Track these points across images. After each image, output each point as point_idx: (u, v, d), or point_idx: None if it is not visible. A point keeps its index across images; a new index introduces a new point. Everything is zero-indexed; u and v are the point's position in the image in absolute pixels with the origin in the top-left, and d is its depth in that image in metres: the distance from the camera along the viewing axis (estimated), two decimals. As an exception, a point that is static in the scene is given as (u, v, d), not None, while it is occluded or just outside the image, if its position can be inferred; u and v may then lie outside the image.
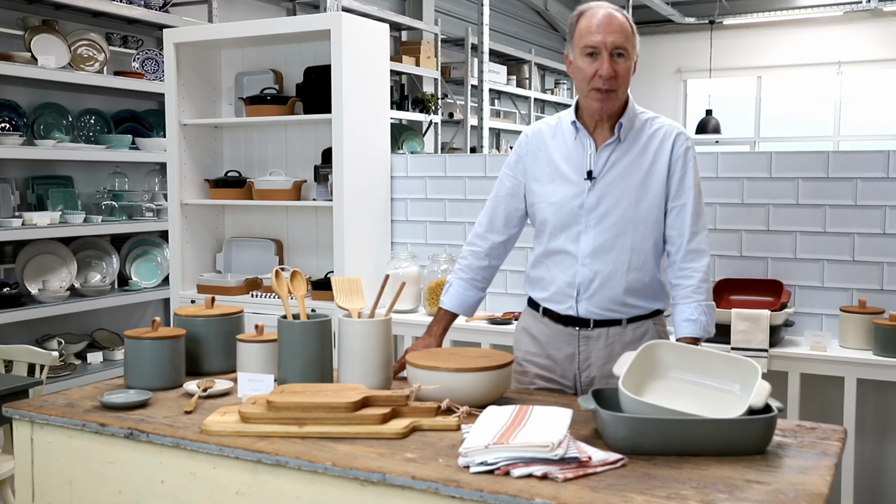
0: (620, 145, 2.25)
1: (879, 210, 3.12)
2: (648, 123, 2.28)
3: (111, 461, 1.88)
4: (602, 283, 2.24)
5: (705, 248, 2.27)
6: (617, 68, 2.16)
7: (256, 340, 2.16)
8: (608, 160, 2.24)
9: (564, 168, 2.28)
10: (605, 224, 2.22)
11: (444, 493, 1.51)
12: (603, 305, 2.25)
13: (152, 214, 4.86)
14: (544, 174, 2.31)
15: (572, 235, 2.25)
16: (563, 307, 2.29)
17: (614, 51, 2.15)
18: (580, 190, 2.24)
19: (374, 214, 3.87)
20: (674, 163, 2.24)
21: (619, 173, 2.23)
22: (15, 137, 4.13)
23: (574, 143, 2.28)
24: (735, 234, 3.34)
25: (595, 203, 2.23)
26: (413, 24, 7.45)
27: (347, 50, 3.62)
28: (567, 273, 2.27)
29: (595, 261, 2.23)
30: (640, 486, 1.49)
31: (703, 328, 2.22)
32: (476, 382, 1.94)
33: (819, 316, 3.24)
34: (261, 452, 1.68)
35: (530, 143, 2.36)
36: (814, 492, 1.48)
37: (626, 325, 2.28)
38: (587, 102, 2.23)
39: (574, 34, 2.22)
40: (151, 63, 5.04)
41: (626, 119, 2.24)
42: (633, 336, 2.28)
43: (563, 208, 2.25)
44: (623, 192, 2.22)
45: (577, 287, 2.26)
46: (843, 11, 9.74)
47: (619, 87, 2.18)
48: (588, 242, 2.24)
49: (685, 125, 11.40)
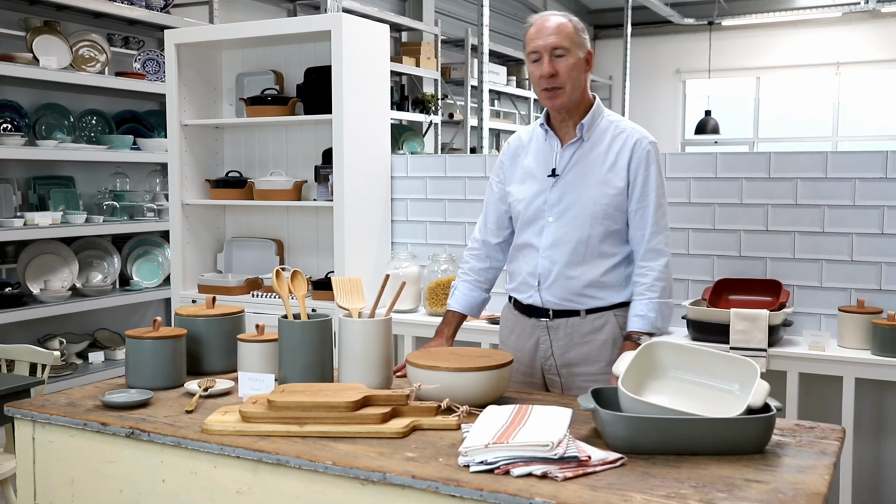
0: (584, 144, 2.37)
1: (878, 210, 3.13)
2: (614, 126, 2.39)
3: (112, 460, 1.89)
4: (560, 273, 2.35)
5: (663, 248, 2.36)
6: (557, 67, 2.28)
7: (257, 340, 2.17)
8: (571, 158, 2.37)
9: (534, 168, 2.42)
10: (566, 218, 2.35)
11: (444, 493, 1.51)
12: (561, 295, 2.37)
13: (153, 214, 4.87)
14: (518, 176, 2.46)
15: (537, 229, 2.39)
16: (526, 296, 2.42)
17: (553, 51, 2.29)
18: (545, 187, 2.38)
19: (374, 214, 3.88)
20: (636, 165, 2.34)
21: (580, 171, 2.36)
22: (17, 138, 4.14)
23: (544, 145, 2.43)
24: (734, 234, 3.34)
25: (557, 199, 2.36)
26: (413, 24, 7.46)
27: (348, 50, 3.63)
28: (530, 264, 2.41)
29: (554, 252, 2.36)
30: (639, 485, 1.50)
31: (652, 324, 2.31)
32: (476, 382, 1.95)
33: (818, 316, 3.24)
34: (261, 452, 1.69)
35: (510, 148, 2.53)
36: (812, 491, 1.49)
37: (585, 315, 2.38)
38: (542, 102, 2.38)
39: (524, 44, 2.38)
40: (152, 64, 5.05)
41: (587, 119, 2.36)
42: (592, 327, 2.37)
43: (530, 205, 2.40)
44: (583, 189, 2.34)
45: (537, 277, 2.39)
46: (842, 12, 9.73)
47: (564, 84, 2.30)
48: (549, 235, 2.37)
49: (684, 126, 11.42)
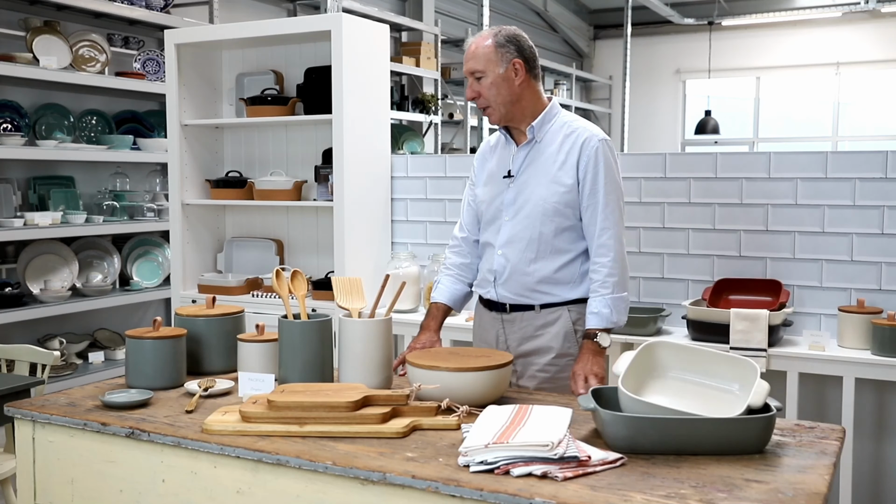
0: (537, 146, 2.45)
1: (878, 210, 3.13)
2: (566, 126, 2.46)
3: (112, 460, 1.89)
4: (514, 269, 2.45)
5: (612, 244, 2.40)
6: (478, 89, 2.41)
7: (257, 340, 2.17)
8: (525, 159, 2.46)
9: (495, 170, 2.53)
10: (519, 217, 2.44)
11: (444, 493, 1.51)
12: (515, 291, 2.46)
13: (153, 214, 4.87)
14: (483, 178, 2.57)
15: (496, 228, 2.50)
16: (485, 291, 2.54)
17: (472, 76, 2.41)
18: (503, 188, 2.48)
19: (374, 214, 3.88)
20: (585, 163, 2.40)
21: (533, 171, 2.44)
22: (17, 138, 4.14)
23: (505, 148, 2.54)
24: (734, 234, 3.34)
25: (513, 198, 2.45)
26: (413, 24, 7.46)
27: (348, 51, 3.63)
28: (488, 261, 2.52)
29: (508, 250, 2.45)
30: (639, 485, 1.50)
31: (607, 320, 2.38)
32: (476, 382, 1.95)
33: (818, 316, 3.25)
34: (261, 452, 1.69)
35: (481, 154, 2.63)
36: (812, 491, 1.49)
37: (539, 310, 2.46)
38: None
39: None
40: (152, 64, 5.05)
41: (537, 122, 2.44)
42: (546, 320, 2.46)
43: (490, 205, 2.51)
44: (535, 188, 2.42)
45: (494, 273, 2.48)
46: (842, 12, 9.73)
47: (488, 104, 2.41)
48: (505, 233, 2.46)
49: (684, 126, 11.41)
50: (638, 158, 3.57)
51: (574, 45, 11.63)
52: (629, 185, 3.56)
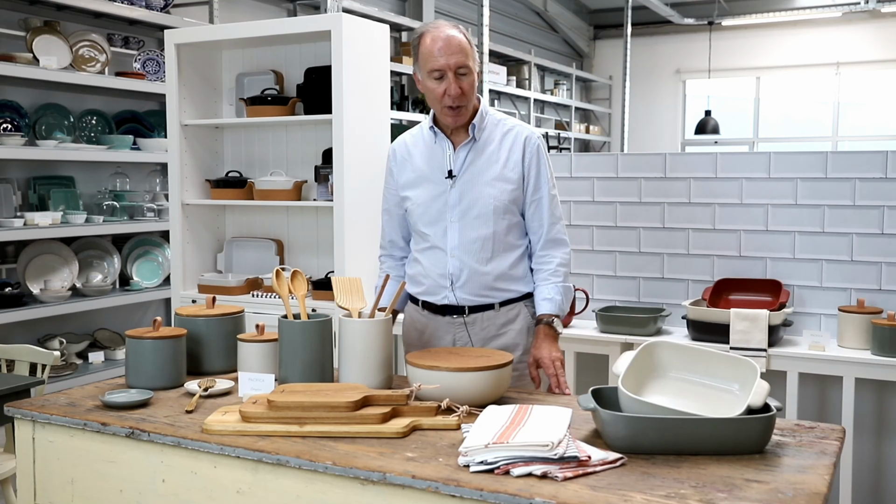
0: (476, 145, 2.42)
1: (878, 210, 3.13)
2: (501, 124, 2.45)
3: (112, 460, 1.89)
4: (472, 271, 2.40)
5: (564, 238, 2.47)
6: (462, 85, 2.31)
7: (257, 340, 2.17)
8: (465, 159, 2.41)
9: (427, 171, 2.45)
10: (468, 217, 2.39)
11: (444, 493, 1.51)
12: (475, 292, 2.42)
13: (153, 214, 4.87)
14: (410, 180, 2.48)
15: (440, 231, 2.42)
16: (439, 297, 2.45)
17: (458, 70, 2.30)
18: (443, 189, 2.41)
19: (374, 214, 3.85)
20: (528, 161, 2.41)
21: (476, 170, 2.40)
22: (17, 138, 4.14)
23: (434, 147, 2.45)
24: (734, 234, 3.34)
25: (457, 199, 2.40)
26: (413, 24, 7.46)
27: (348, 51, 3.63)
28: (439, 266, 2.43)
29: (462, 252, 2.40)
30: (639, 485, 1.50)
31: (559, 306, 2.41)
32: (476, 382, 1.95)
33: (818, 316, 3.25)
34: (261, 452, 1.69)
35: (396, 155, 2.53)
36: (812, 491, 1.49)
37: (499, 308, 2.44)
38: (442, 118, 2.40)
39: (419, 56, 2.36)
40: (152, 64, 5.05)
41: (477, 120, 2.40)
42: (507, 318, 2.44)
43: (429, 207, 2.43)
44: (482, 187, 2.39)
45: (449, 277, 2.42)
46: (842, 12, 9.74)
47: (467, 102, 2.35)
48: (455, 236, 2.41)
49: (684, 126, 11.43)
50: (638, 158, 3.57)
51: (574, 45, 11.63)
52: (629, 185, 3.56)
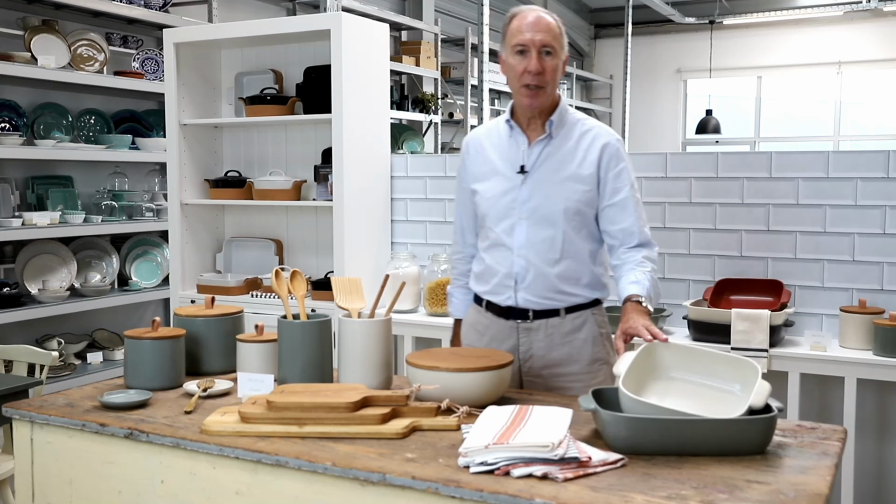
0: (552, 142, 2.34)
1: (879, 210, 3.12)
2: (580, 124, 2.38)
3: (111, 461, 1.88)
4: (537, 272, 2.32)
5: (653, 241, 2.36)
6: (544, 65, 2.25)
7: (256, 340, 2.16)
8: (540, 155, 2.34)
9: (499, 164, 2.38)
10: (537, 216, 2.31)
11: (444, 493, 1.51)
12: (540, 294, 2.33)
13: (152, 214, 4.86)
14: (482, 173, 2.42)
15: (507, 228, 2.35)
16: (503, 297, 2.37)
17: (542, 49, 2.25)
18: (514, 184, 2.34)
19: (374, 214, 3.87)
20: (606, 163, 2.33)
21: (550, 168, 2.33)
22: (15, 137, 4.13)
23: (509, 141, 2.39)
24: (735, 234, 3.34)
25: (527, 196, 2.32)
26: (413, 24, 7.45)
27: (347, 50, 3.62)
28: (504, 264, 2.36)
29: (529, 251, 2.32)
30: (640, 486, 1.49)
31: (647, 291, 2.24)
32: (476, 382, 1.94)
33: (819, 316, 3.24)
34: (261, 452, 1.68)
35: (469, 148, 2.48)
36: (814, 492, 1.48)
37: (565, 315, 2.35)
38: (518, 100, 2.33)
39: (506, 35, 2.33)
40: (151, 63, 5.04)
41: (556, 116, 2.34)
42: (572, 326, 2.36)
43: (498, 202, 2.36)
44: (553, 186, 2.32)
45: (514, 277, 2.34)
46: (843, 11, 9.72)
47: (547, 84, 2.27)
48: (522, 234, 2.33)
49: (685, 125, 11.41)
50: (639, 158, 3.56)
51: (575, 44, 11.62)
52: (630, 185, 3.55)
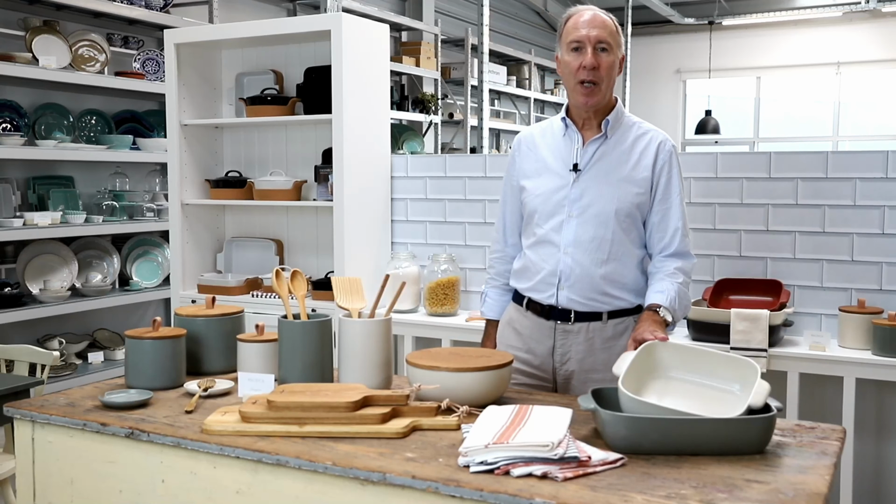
0: (607, 141, 2.33)
1: (878, 210, 3.13)
2: (636, 126, 2.37)
3: (112, 461, 1.88)
4: (583, 271, 2.29)
5: (691, 252, 2.36)
6: (600, 61, 2.26)
7: (257, 340, 2.16)
8: (594, 154, 2.33)
9: (552, 162, 2.37)
10: (588, 215, 2.29)
11: (444, 493, 1.51)
12: (583, 294, 2.30)
13: (153, 214, 4.86)
14: (533, 169, 2.40)
15: (556, 225, 2.32)
16: (546, 296, 2.34)
17: (597, 45, 2.26)
18: (566, 182, 2.32)
19: (374, 214, 3.87)
20: (659, 168, 2.32)
21: (603, 168, 2.31)
22: (16, 138, 4.13)
23: (563, 139, 2.38)
24: (734, 234, 3.34)
25: (579, 194, 2.31)
26: (413, 24, 7.46)
27: (347, 50, 3.63)
28: (550, 262, 2.33)
29: (576, 250, 2.30)
30: (639, 485, 1.50)
31: (670, 301, 2.22)
32: (476, 382, 1.94)
33: (818, 316, 3.24)
34: (261, 452, 1.69)
35: (521, 144, 2.48)
36: (813, 491, 1.48)
37: (607, 320, 2.32)
38: (574, 97, 2.32)
39: (562, 34, 2.35)
40: (152, 63, 5.04)
41: (612, 116, 2.33)
42: (614, 332, 2.32)
43: (548, 199, 2.34)
44: (606, 186, 2.30)
45: (558, 275, 2.31)
46: (843, 12, 9.73)
47: (602, 81, 2.27)
48: (570, 232, 2.30)
49: (684, 125, 11.42)
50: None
51: (574, 44, 11.61)
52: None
